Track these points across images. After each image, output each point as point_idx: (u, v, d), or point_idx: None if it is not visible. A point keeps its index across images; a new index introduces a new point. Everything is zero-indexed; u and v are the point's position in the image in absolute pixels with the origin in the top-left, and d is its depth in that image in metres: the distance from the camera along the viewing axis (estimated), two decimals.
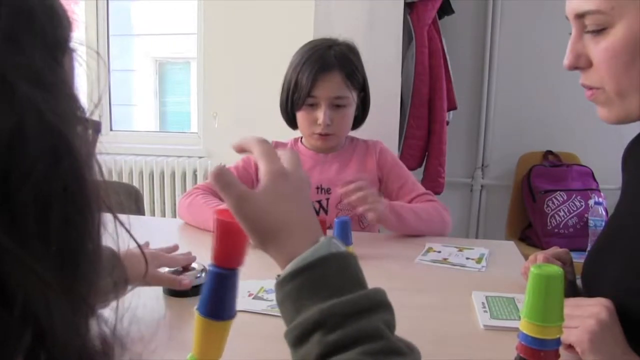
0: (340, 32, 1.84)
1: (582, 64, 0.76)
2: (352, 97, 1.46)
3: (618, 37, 0.71)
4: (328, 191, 1.48)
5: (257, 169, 1.47)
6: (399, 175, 1.50)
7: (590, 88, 0.76)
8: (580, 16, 0.74)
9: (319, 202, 1.48)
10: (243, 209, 0.55)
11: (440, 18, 2.29)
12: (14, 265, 0.29)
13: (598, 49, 0.73)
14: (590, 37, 0.74)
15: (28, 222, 0.30)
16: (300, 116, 1.47)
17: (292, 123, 1.51)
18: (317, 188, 1.48)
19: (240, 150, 0.61)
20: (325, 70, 1.40)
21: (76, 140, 0.33)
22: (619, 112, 0.75)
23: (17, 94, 0.30)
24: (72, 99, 0.35)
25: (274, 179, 0.55)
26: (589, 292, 0.85)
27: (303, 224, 0.55)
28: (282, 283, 0.52)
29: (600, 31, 0.72)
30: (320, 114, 1.42)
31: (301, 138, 1.57)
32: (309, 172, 1.49)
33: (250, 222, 0.55)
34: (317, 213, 1.48)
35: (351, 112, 1.48)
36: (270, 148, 0.58)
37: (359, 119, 1.53)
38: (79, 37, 0.36)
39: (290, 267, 0.52)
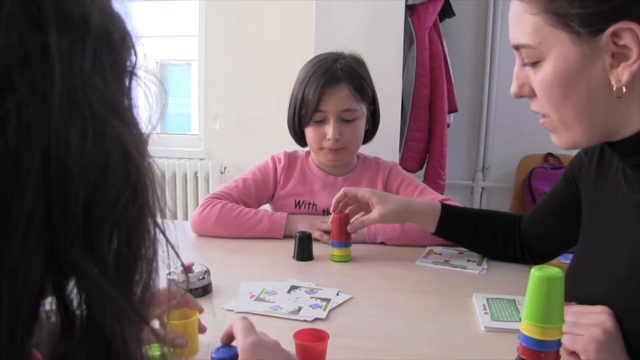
0: (341, 35, 1.84)
1: (526, 92, 0.79)
2: (362, 110, 1.40)
3: (548, 71, 0.74)
4: None
5: (275, 171, 1.45)
6: (411, 191, 1.43)
7: (541, 115, 0.80)
8: (516, 48, 0.77)
9: None
10: None
11: (441, 21, 2.29)
12: (96, 294, 0.30)
13: (535, 81, 0.76)
14: (529, 68, 0.77)
15: (106, 254, 0.31)
16: (309, 132, 1.41)
17: (301, 140, 1.46)
18: (324, 212, 1.42)
19: (228, 339, 0.66)
20: (332, 83, 1.35)
21: (148, 173, 0.33)
22: (568, 139, 0.79)
23: (106, 127, 0.30)
24: (138, 125, 0.35)
25: (246, 353, 0.61)
26: (575, 292, 0.86)
27: None
28: None
29: (534, 64, 0.75)
30: (329, 129, 1.36)
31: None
32: (316, 194, 1.44)
33: None
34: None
35: (361, 125, 1.42)
36: (247, 324, 0.64)
37: (370, 133, 1.47)
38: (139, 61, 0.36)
39: None
